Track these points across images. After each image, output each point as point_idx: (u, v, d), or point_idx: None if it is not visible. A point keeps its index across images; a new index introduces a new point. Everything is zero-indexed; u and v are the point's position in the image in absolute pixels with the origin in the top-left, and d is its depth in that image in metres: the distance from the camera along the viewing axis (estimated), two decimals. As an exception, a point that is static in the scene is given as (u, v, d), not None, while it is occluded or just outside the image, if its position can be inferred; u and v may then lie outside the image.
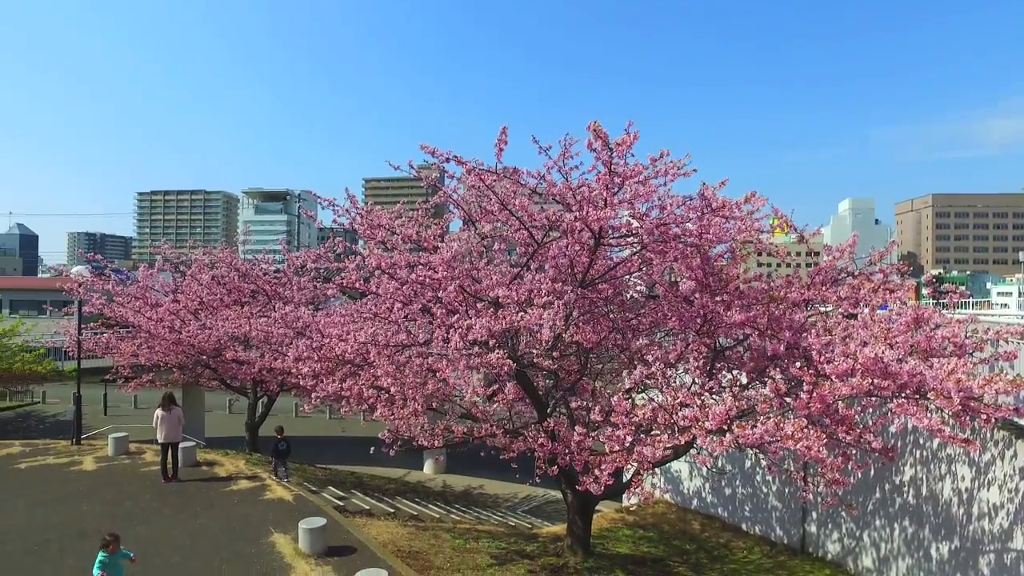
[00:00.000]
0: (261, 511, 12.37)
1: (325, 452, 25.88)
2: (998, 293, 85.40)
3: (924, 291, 16.34)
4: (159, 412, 13.65)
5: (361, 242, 11.19)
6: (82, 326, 18.37)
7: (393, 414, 10.32)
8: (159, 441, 13.79)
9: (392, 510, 14.75)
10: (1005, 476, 8.34)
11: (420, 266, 10.04)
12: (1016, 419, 7.47)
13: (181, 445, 15.34)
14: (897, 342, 7.25)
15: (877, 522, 11.61)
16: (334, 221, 11.23)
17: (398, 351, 9.74)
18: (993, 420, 6.53)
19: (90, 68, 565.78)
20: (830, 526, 13.06)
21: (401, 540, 11.77)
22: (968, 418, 6.74)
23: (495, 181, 9.43)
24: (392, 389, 10.02)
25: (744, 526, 15.48)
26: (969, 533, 9.17)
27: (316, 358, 10.01)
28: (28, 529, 11.30)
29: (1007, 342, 8.00)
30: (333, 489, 15.88)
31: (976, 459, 8.92)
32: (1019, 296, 55.52)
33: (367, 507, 14.37)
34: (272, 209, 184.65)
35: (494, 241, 11.50)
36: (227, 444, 21.78)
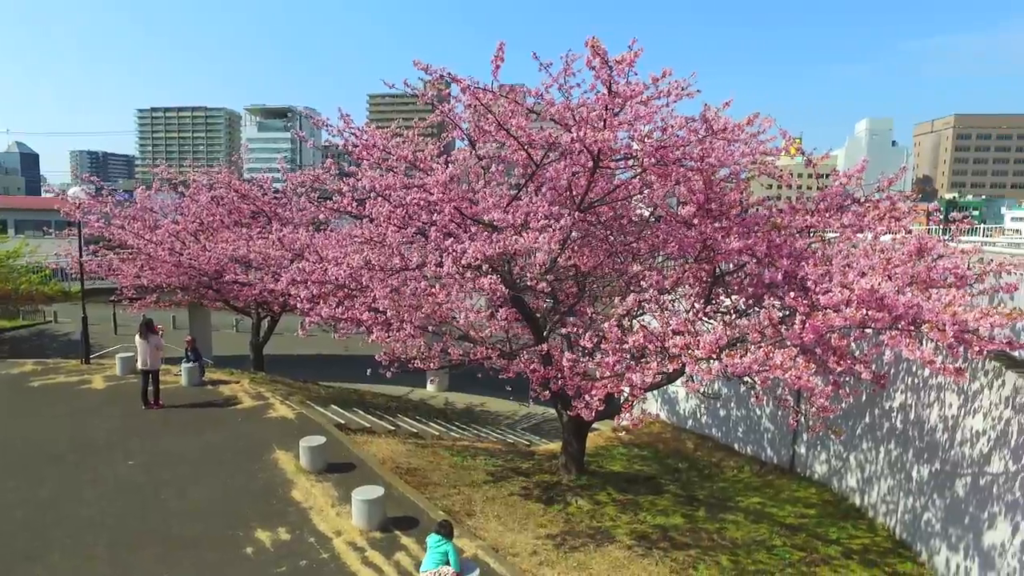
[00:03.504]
0: (264, 429, 12.75)
1: (329, 370, 26.43)
2: (1012, 219, 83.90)
3: (929, 219, 16.01)
4: (137, 339, 13.60)
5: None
6: (83, 248, 18.37)
7: (389, 336, 10.40)
8: (138, 368, 13.77)
9: (393, 428, 15.17)
10: (991, 405, 8.41)
11: (415, 188, 9.83)
12: (1009, 351, 7.45)
13: (186, 365, 15.68)
14: (896, 273, 7.13)
15: (864, 445, 11.87)
16: (326, 143, 10.94)
17: (393, 275, 9.69)
18: (985, 352, 6.51)
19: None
20: (819, 447, 13.38)
21: (400, 457, 12.15)
22: (961, 349, 6.70)
23: (492, 100, 9.07)
24: (388, 313, 10.04)
25: (736, 446, 15.90)
26: (950, 457, 9.36)
27: (310, 282, 9.98)
28: (44, 442, 11.72)
29: (1009, 273, 7.86)
30: (335, 407, 16.29)
31: (965, 388, 8.97)
32: (1031, 222, 54.54)
33: (368, 425, 14.77)
34: (275, 126, 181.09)
35: (492, 162, 11.21)
36: (234, 363, 22.23)
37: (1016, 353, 7.87)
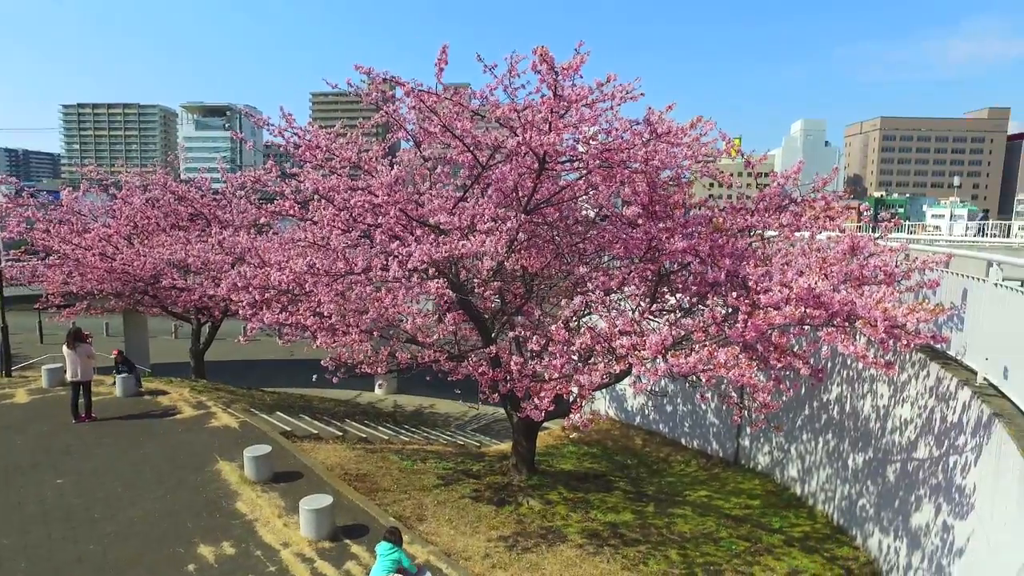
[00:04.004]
0: (206, 439, 12.30)
1: (274, 376, 25.76)
2: (932, 215, 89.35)
3: (860, 218, 16.80)
4: (64, 349, 12.78)
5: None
6: (1, 253, 17.33)
7: (335, 341, 10.19)
8: (67, 380, 12.94)
9: (341, 433, 14.90)
10: (917, 394, 8.87)
11: (360, 190, 9.66)
12: (933, 344, 7.88)
13: (117, 376, 15.00)
14: (832, 271, 7.42)
15: (804, 436, 12.33)
16: (267, 143, 10.64)
17: (338, 279, 9.50)
18: (912, 345, 6.85)
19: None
20: (762, 440, 13.83)
21: (349, 463, 11.93)
22: (891, 343, 7.03)
23: (436, 102, 8.99)
24: (333, 318, 9.84)
25: (683, 441, 16.27)
26: (882, 445, 9.82)
27: (251, 288, 9.68)
28: (-41, 463, 10.99)
29: (932, 270, 8.29)
30: (281, 414, 15.89)
31: (895, 379, 9.43)
32: (950, 219, 58.03)
33: (315, 431, 14.46)
34: (214, 125, 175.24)
35: (438, 163, 11.12)
36: (173, 371, 21.42)
37: (939, 345, 8.30)
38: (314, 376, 10.69)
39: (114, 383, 15.15)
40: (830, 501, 11.47)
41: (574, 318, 8.66)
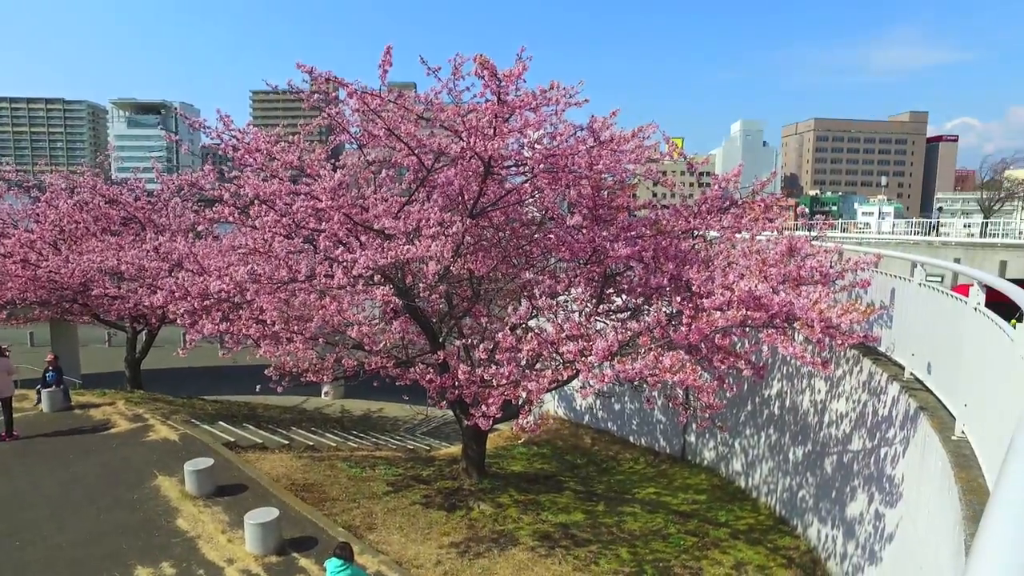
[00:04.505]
0: (144, 454, 11.82)
1: (217, 383, 24.92)
2: (863, 213, 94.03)
3: (797, 218, 17.47)
4: None
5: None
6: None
7: (279, 350, 9.94)
8: None
9: (287, 442, 14.54)
10: (851, 389, 9.27)
11: (303, 195, 9.42)
12: (866, 343, 8.25)
13: (45, 391, 14.25)
14: (771, 273, 7.67)
15: (747, 431, 12.72)
16: (204, 145, 10.28)
17: (280, 288, 9.24)
18: (846, 344, 7.16)
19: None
20: (707, 436, 14.19)
21: (295, 473, 11.67)
22: (827, 341, 7.32)
23: (380, 105, 8.86)
24: (276, 326, 9.59)
25: (632, 438, 16.54)
26: (820, 438, 10.22)
27: (190, 297, 9.32)
28: None
29: (863, 270, 8.67)
30: (224, 424, 15.40)
31: (831, 375, 9.82)
32: (879, 217, 61.03)
33: (260, 440, 14.08)
34: (147, 123, 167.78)
35: (382, 167, 10.96)
36: (107, 381, 20.50)
37: (870, 344, 8.70)
38: (257, 387, 10.39)
39: (38, 400, 14.35)
40: (772, 493, 11.86)
41: (521, 324, 8.67)
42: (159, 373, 24.47)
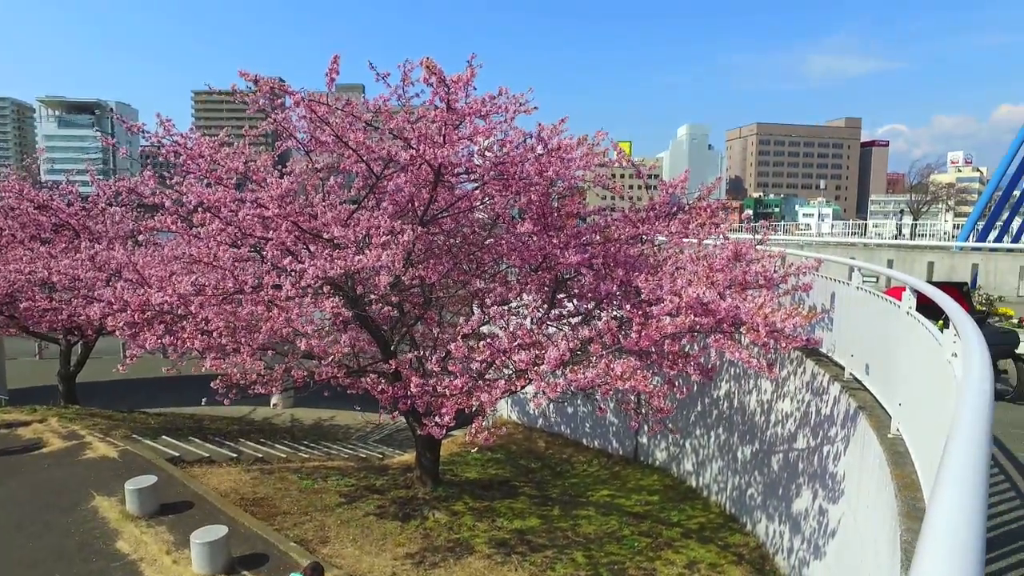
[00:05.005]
0: (80, 473, 11.29)
1: (160, 395, 23.94)
2: (804, 214, 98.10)
3: (742, 222, 18.03)
4: None
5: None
6: None
7: (226, 362, 9.64)
8: None
9: (235, 455, 14.13)
10: (795, 389, 9.60)
11: (249, 203, 9.18)
12: (808, 346, 8.56)
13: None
14: (718, 279, 7.88)
15: (697, 431, 13.02)
16: (143, 150, 9.91)
17: (227, 299, 8.98)
18: (790, 347, 7.41)
19: None
20: (659, 436, 14.45)
21: (244, 487, 11.35)
22: (772, 345, 7.56)
23: (328, 113, 8.71)
24: (223, 337, 9.30)
25: (585, 441, 16.71)
26: (767, 437, 10.54)
27: (130, 309, 8.96)
28: None
29: (805, 275, 8.99)
30: (168, 438, 14.86)
31: (776, 376, 10.14)
32: (818, 219, 63.54)
33: (207, 454, 13.64)
34: (80, 123, 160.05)
35: (330, 173, 10.78)
36: (38, 397, 19.46)
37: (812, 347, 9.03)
38: (203, 399, 10.05)
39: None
40: (723, 492, 12.17)
41: (472, 336, 8.65)
42: (96, 387, 23.37)
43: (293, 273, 8.02)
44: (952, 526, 1.40)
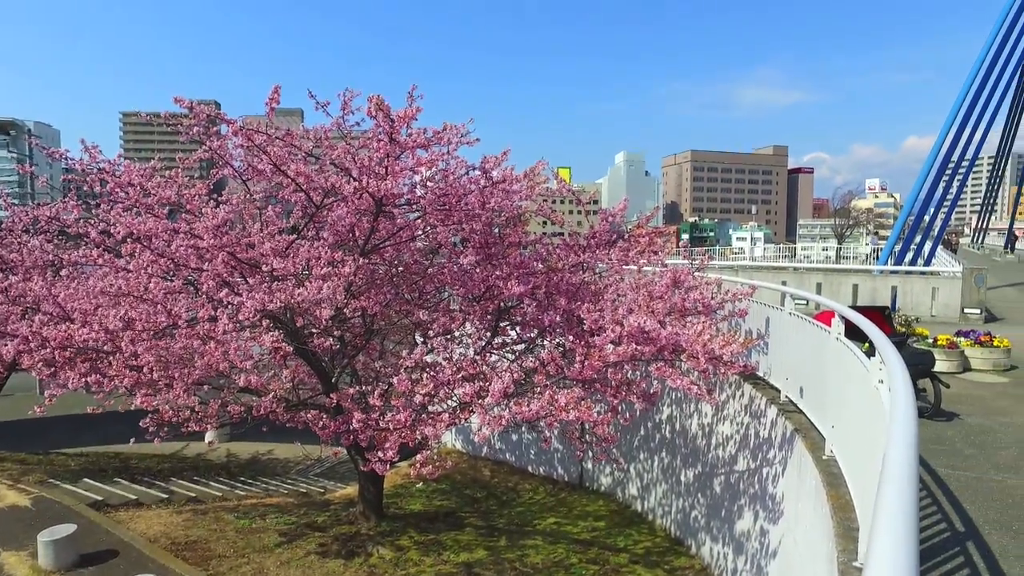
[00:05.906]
0: (-12, 524, 10.45)
1: (82, 432, 22.46)
2: (737, 238, 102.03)
3: (679, 248, 18.60)
4: None
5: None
6: None
7: (157, 400, 9.17)
8: None
9: (166, 495, 13.42)
10: (735, 412, 9.88)
11: (182, 234, 8.85)
12: (745, 372, 8.85)
13: None
14: (657, 308, 8.06)
15: (641, 456, 13.18)
16: (66, 171, 9.43)
17: (158, 336, 8.58)
18: (729, 373, 7.64)
19: None
20: (603, 462, 14.52)
21: (176, 531, 10.77)
22: (711, 371, 7.76)
23: (266, 142, 8.53)
24: (154, 373, 8.86)
25: (530, 468, 16.65)
26: (709, 460, 10.77)
27: (49, 346, 8.44)
28: None
29: (740, 300, 9.31)
30: (89, 481, 13.99)
31: (716, 400, 10.42)
32: (751, 243, 66.11)
33: (134, 497, 12.90)
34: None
35: (268, 202, 10.54)
36: (-58, 439, 18.02)
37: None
38: (131, 439, 9.51)
39: None
40: (667, 515, 12.31)
41: (416, 369, 8.54)
42: (7, 427, 21.81)
43: (230, 306, 7.74)
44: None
